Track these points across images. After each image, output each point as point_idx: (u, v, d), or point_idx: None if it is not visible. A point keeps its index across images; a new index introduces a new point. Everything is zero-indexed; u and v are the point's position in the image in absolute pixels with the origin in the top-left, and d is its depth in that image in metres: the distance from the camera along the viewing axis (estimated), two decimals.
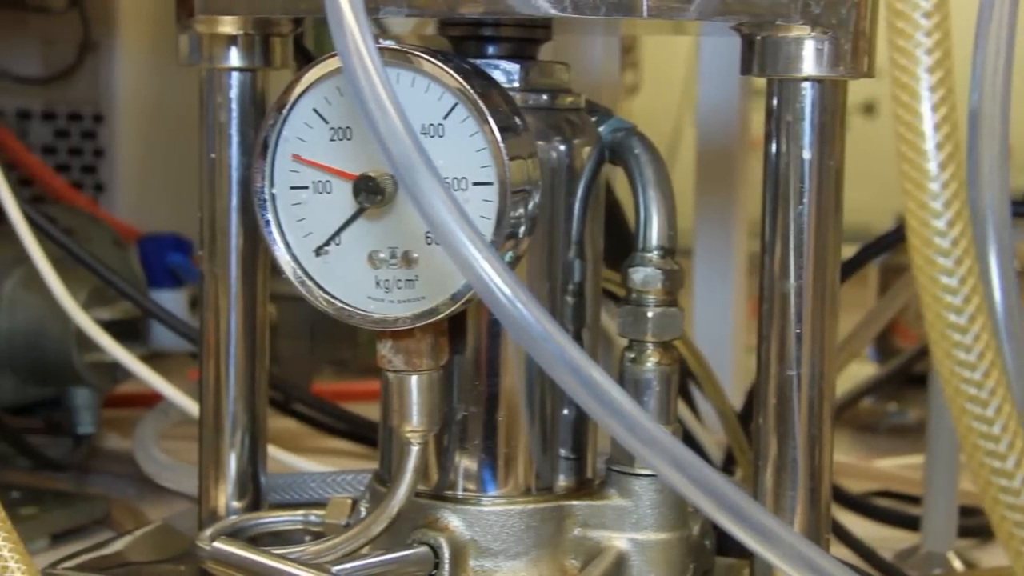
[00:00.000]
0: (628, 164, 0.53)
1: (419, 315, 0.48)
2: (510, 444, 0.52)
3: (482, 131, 0.47)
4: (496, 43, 0.52)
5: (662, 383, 0.52)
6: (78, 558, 0.57)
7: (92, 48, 1.10)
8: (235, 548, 0.48)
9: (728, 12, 0.48)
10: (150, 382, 0.73)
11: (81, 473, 0.85)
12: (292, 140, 0.49)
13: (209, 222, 0.57)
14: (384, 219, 0.49)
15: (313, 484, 0.61)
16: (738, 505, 0.38)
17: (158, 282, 0.93)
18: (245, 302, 0.57)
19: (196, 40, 0.55)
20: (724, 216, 0.89)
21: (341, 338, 0.96)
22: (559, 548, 0.52)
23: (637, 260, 0.52)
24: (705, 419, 0.77)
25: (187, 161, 1.10)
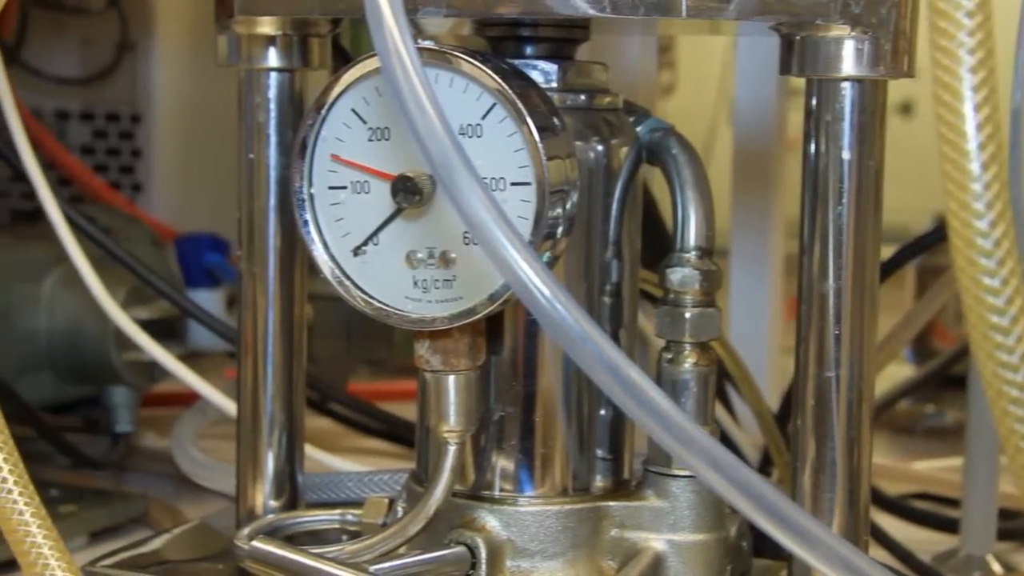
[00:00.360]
0: (666, 164, 0.53)
1: (457, 315, 0.48)
2: (547, 444, 0.52)
3: (520, 131, 0.47)
4: (534, 43, 0.52)
5: (699, 384, 0.52)
6: (116, 556, 0.57)
7: (130, 48, 1.10)
8: (273, 547, 0.48)
9: (767, 12, 0.47)
10: (188, 381, 0.73)
11: (119, 472, 0.86)
12: (331, 140, 0.50)
13: (247, 222, 0.57)
14: (422, 219, 0.49)
15: (350, 483, 0.62)
16: (777, 506, 0.38)
17: (195, 282, 0.93)
18: (283, 301, 0.57)
19: (235, 41, 0.55)
20: (761, 216, 0.89)
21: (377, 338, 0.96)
22: (596, 549, 0.52)
23: (675, 260, 0.52)
24: (742, 420, 0.77)
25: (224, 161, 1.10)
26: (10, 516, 0.46)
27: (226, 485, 0.75)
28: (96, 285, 0.73)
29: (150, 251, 0.86)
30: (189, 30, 1.13)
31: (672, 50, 1.44)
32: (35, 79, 1.08)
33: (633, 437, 0.55)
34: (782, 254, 0.90)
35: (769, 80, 0.87)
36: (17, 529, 0.46)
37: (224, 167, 1.09)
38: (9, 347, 0.78)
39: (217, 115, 1.11)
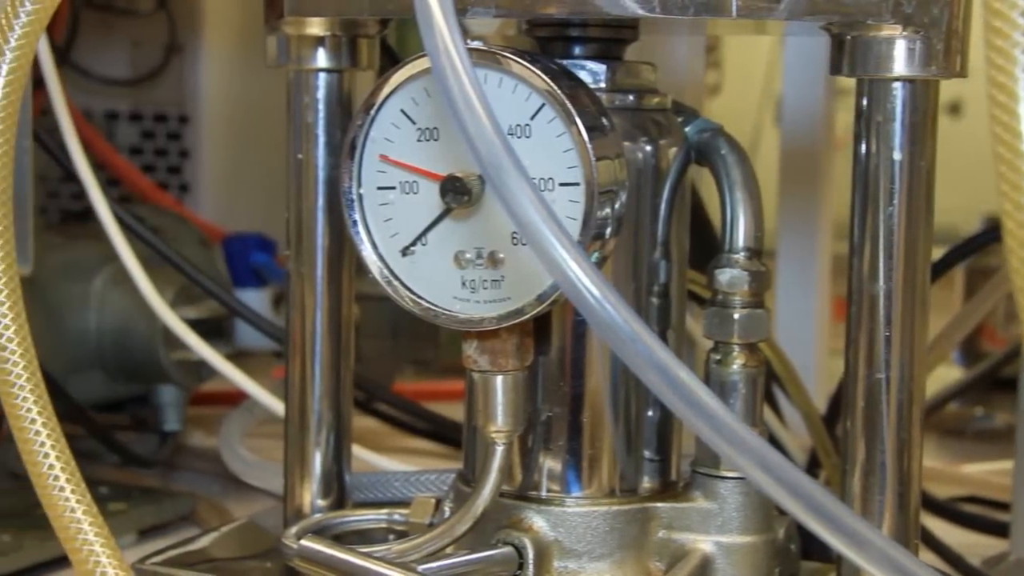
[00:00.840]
0: (715, 165, 0.53)
1: (505, 315, 0.48)
2: (594, 445, 0.52)
3: (569, 132, 0.47)
4: (583, 43, 0.52)
5: (748, 385, 0.52)
6: (165, 553, 0.58)
7: (178, 50, 1.11)
8: (322, 546, 0.48)
9: (818, 12, 0.47)
10: (236, 380, 0.73)
11: (167, 470, 0.87)
12: (379, 141, 0.50)
13: (296, 222, 0.57)
14: (470, 219, 0.49)
15: (396, 483, 0.62)
16: (827, 508, 0.38)
17: (242, 281, 0.94)
18: (331, 301, 0.58)
19: (284, 41, 0.56)
20: (808, 217, 0.88)
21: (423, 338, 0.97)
22: (643, 550, 0.52)
23: (723, 261, 0.52)
24: (788, 422, 0.76)
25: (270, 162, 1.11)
26: (62, 513, 0.46)
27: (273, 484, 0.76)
28: (145, 285, 0.74)
29: (198, 251, 0.87)
30: (237, 32, 1.13)
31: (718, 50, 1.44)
32: (85, 80, 1.09)
33: (681, 438, 0.55)
34: (830, 255, 0.89)
35: (817, 79, 0.87)
36: (69, 526, 0.46)
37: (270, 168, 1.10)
38: (60, 346, 0.78)
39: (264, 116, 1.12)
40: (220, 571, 0.56)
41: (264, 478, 0.77)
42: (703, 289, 0.61)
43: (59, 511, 0.46)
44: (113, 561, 0.46)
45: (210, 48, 1.11)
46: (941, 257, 0.68)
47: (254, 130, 1.14)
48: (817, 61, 0.86)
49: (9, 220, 0.47)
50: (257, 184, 1.13)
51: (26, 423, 0.47)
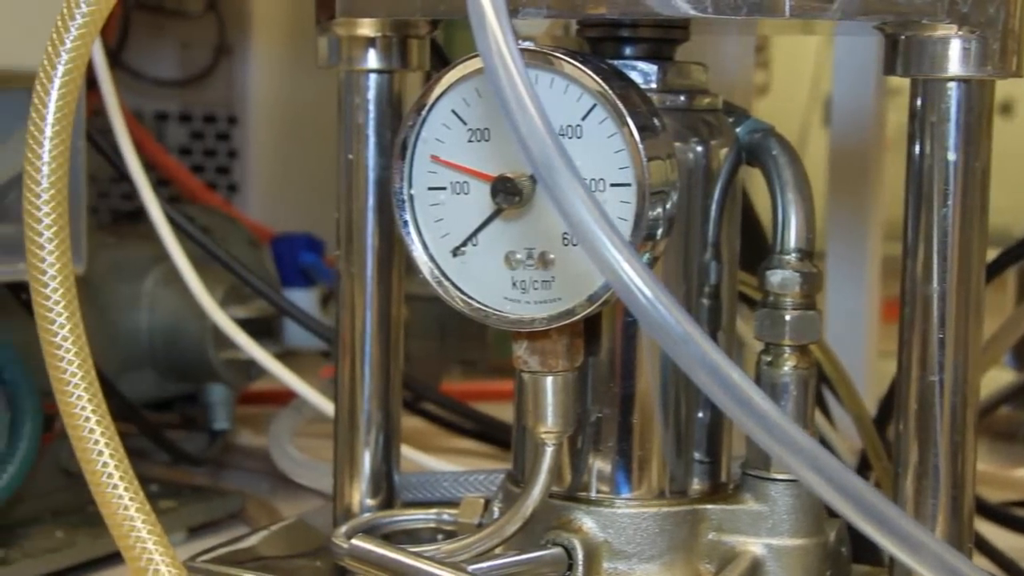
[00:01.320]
0: (766, 165, 0.53)
1: (555, 316, 0.48)
2: (644, 446, 0.52)
3: (621, 132, 0.47)
4: (634, 44, 0.52)
5: (799, 387, 0.52)
6: (215, 552, 0.58)
7: (227, 51, 1.12)
8: (373, 545, 0.49)
9: (871, 11, 0.47)
10: (285, 380, 0.74)
11: (216, 468, 0.87)
12: (431, 141, 0.50)
13: (346, 222, 0.57)
14: (521, 220, 0.49)
15: (445, 483, 0.62)
16: (881, 510, 0.38)
17: (290, 281, 0.94)
18: (380, 301, 0.58)
19: (335, 42, 0.56)
20: (858, 218, 0.88)
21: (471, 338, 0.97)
22: (693, 552, 0.52)
23: (775, 262, 0.52)
24: (838, 424, 0.76)
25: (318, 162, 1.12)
26: (115, 511, 0.47)
27: (322, 483, 0.76)
28: (196, 284, 0.74)
29: (247, 251, 0.87)
30: (285, 33, 1.14)
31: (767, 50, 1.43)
32: (135, 81, 1.10)
33: (731, 440, 0.54)
34: (880, 256, 0.89)
35: (867, 79, 0.86)
36: (122, 524, 0.47)
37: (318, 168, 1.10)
38: (111, 345, 0.79)
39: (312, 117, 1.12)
40: (270, 569, 0.57)
41: (313, 477, 0.77)
42: (753, 290, 0.61)
43: (112, 509, 0.47)
44: (166, 559, 0.46)
45: (259, 49, 1.12)
46: (994, 259, 0.67)
47: (302, 130, 1.15)
48: (868, 60, 0.86)
49: (65, 220, 0.48)
50: (305, 184, 1.14)
51: (81, 421, 0.47)
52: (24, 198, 0.48)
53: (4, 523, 0.68)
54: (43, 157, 0.48)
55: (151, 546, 0.47)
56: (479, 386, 1.01)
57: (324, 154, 0.58)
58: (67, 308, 0.47)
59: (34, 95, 0.48)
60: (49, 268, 0.47)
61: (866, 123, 0.87)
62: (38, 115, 0.48)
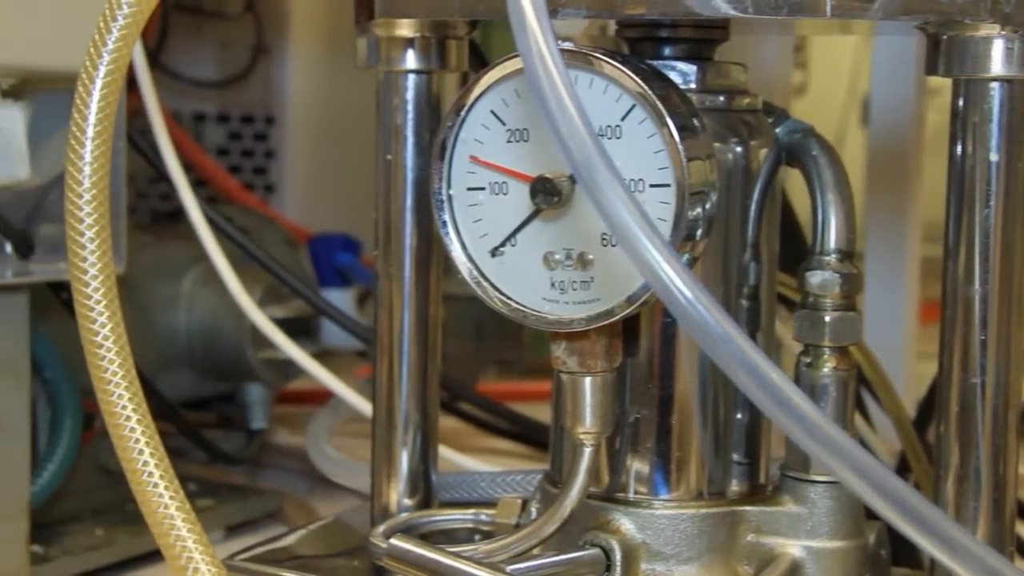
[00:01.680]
0: (806, 166, 0.52)
1: (594, 317, 0.48)
2: (682, 447, 0.52)
3: (660, 133, 0.46)
4: (673, 44, 0.52)
5: (839, 388, 0.52)
6: (253, 550, 0.58)
7: (265, 52, 1.12)
8: (411, 545, 0.49)
9: (913, 11, 0.46)
10: (323, 380, 0.74)
11: (253, 468, 0.87)
12: (470, 142, 0.50)
13: (384, 222, 0.57)
14: (560, 220, 0.49)
15: (482, 483, 0.62)
16: (922, 512, 0.38)
17: (327, 281, 0.95)
18: (418, 301, 0.58)
19: (374, 43, 0.56)
20: (897, 218, 0.87)
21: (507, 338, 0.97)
22: (731, 554, 0.51)
23: (814, 263, 0.52)
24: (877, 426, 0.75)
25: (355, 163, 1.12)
26: (156, 509, 0.47)
27: (359, 482, 0.76)
28: (234, 284, 0.74)
29: (285, 251, 0.88)
30: (323, 34, 1.14)
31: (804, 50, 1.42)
32: (174, 82, 1.10)
33: (770, 441, 0.54)
34: (919, 257, 0.88)
35: (906, 78, 0.85)
36: (162, 522, 0.47)
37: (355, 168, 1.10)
38: (150, 345, 0.79)
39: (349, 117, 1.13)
40: (308, 569, 0.57)
41: (350, 477, 0.77)
42: (792, 291, 0.61)
43: (153, 507, 0.47)
44: (205, 557, 0.47)
45: (297, 50, 1.12)
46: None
47: (339, 131, 1.15)
48: (907, 60, 0.85)
49: (107, 220, 0.48)
50: (341, 185, 1.14)
51: (121, 420, 0.47)
52: (66, 198, 0.48)
53: (44, 521, 0.68)
54: (85, 158, 0.48)
55: (191, 544, 0.47)
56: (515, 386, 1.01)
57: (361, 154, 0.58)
58: (108, 307, 0.48)
59: (76, 96, 0.48)
60: (91, 268, 0.48)
61: (905, 123, 0.87)
62: (80, 116, 0.48)
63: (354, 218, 0.99)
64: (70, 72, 0.51)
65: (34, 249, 0.66)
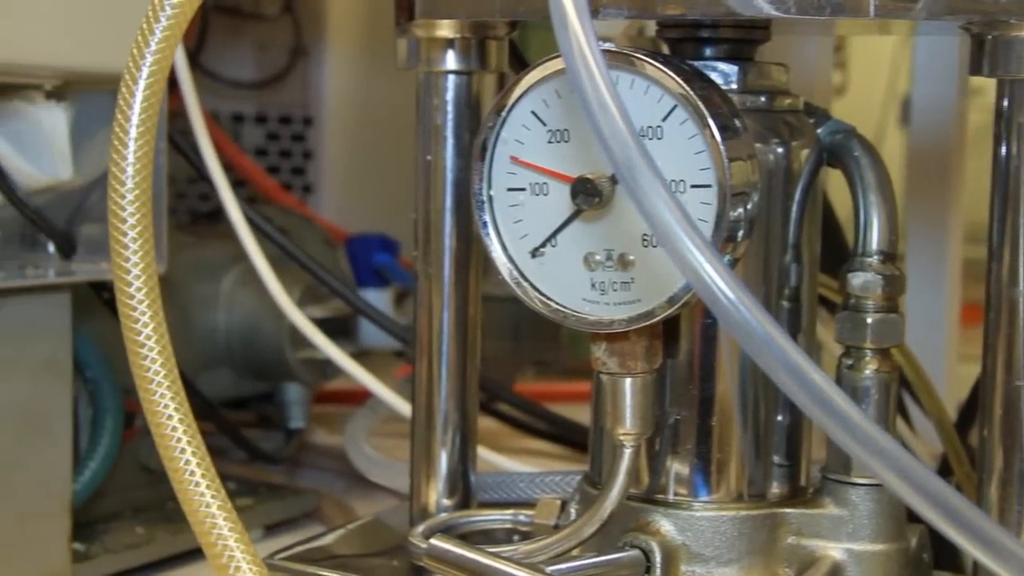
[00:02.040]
0: (848, 167, 0.52)
1: (635, 318, 0.48)
2: (723, 449, 0.52)
3: (702, 134, 0.46)
4: (714, 44, 0.52)
5: (880, 391, 0.51)
6: (292, 549, 0.59)
7: (303, 53, 1.13)
8: (451, 545, 0.49)
9: (957, 11, 0.46)
10: (361, 380, 0.74)
11: (292, 467, 0.88)
12: (510, 142, 0.50)
13: (424, 223, 0.58)
14: (600, 221, 0.49)
15: (521, 484, 0.62)
16: (967, 516, 0.37)
17: (365, 281, 0.95)
18: (458, 302, 0.58)
19: (414, 44, 0.56)
20: (938, 219, 0.86)
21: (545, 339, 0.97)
22: (772, 556, 0.51)
23: (856, 265, 0.51)
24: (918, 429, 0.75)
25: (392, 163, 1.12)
26: (197, 508, 0.47)
27: (397, 482, 0.76)
28: (274, 284, 0.75)
29: (323, 251, 0.88)
30: (360, 35, 1.14)
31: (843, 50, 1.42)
32: (213, 83, 1.11)
33: (810, 443, 0.54)
34: (960, 259, 0.87)
35: (948, 78, 0.85)
36: (204, 521, 0.47)
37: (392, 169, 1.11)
38: (190, 344, 0.80)
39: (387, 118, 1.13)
40: (347, 568, 0.57)
41: (388, 476, 0.78)
42: (833, 293, 0.60)
43: (194, 506, 0.47)
44: (247, 556, 0.47)
45: (334, 51, 1.13)
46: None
47: (377, 132, 1.15)
48: (949, 60, 0.84)
49: (149, 220, 0.48)
50: (379, 185, 1.14)
51: (164, 419, 0.47)
52: (109, 198, 0.48)
53: (85, 519, 0.69)
54: (128, 158, 0.48)
55: (232, 543, 0.47)
56: (553, 387, 1.01)
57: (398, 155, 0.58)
58: (151, 307, 0.48)
59: (119, 97, 0.48)
60: (133, 267, 0.48)
61: (947, 123, 0.86)
62: (123, 116, 0.48)
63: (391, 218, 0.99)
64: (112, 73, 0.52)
65: (76, 249, 0.66)
